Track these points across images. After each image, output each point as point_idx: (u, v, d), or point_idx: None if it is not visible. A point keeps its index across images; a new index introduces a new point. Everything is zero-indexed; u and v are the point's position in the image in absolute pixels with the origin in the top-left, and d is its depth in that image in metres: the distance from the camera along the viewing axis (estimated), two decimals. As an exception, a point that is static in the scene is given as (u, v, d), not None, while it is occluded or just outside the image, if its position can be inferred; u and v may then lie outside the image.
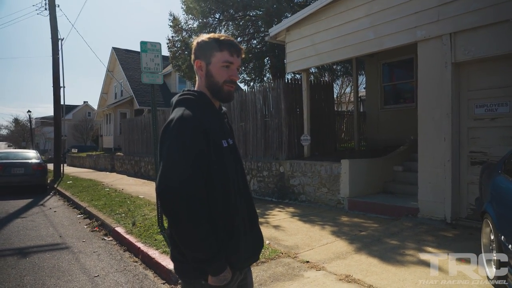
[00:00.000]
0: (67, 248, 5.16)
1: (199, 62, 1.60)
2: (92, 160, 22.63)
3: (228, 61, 1.56)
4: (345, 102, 20.98)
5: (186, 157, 1.39)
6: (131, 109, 23.56)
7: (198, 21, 13.27)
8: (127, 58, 25.23)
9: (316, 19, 7.38)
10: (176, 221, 1.38)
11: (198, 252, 1.39)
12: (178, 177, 1.37)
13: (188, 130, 1.42)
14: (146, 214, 6.55)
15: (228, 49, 1.56)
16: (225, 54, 1.56)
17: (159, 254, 4.34)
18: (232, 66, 1.58)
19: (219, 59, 1.56)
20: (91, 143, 38.26)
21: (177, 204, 1.35)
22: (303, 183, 7.76)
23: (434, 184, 5.49)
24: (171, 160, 1.40)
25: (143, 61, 5.60)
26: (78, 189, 10.80)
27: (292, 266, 3.87)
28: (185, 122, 1.44)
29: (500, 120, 5.01)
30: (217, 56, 1.56)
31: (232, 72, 1.58)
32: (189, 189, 1.37)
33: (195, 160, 1.41)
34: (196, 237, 1.37)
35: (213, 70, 1.57)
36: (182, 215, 1.35)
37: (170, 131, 1.44)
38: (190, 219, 1.35)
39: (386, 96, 10.08)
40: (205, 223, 1.39)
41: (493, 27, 4.81)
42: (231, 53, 1.57)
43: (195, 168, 1.40)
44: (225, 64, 1.56)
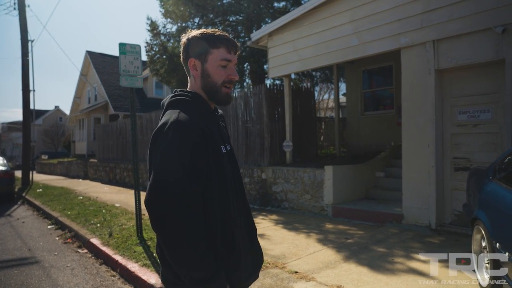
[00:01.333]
0: (37, 262, 4.79)
1: (193, 60, 1.41)
2: (63, 167, 21.73)
3: (226, 59, 1.39)
4: (324, 108, 21.15)
5: (183, 165, 1.21)
6: (105, 114, 22.85)
7: (177, 25, 13.04)
8: (102, 62, 24.53)
9: (299, 25, 7.34)
10: (170, 238, 1.19)
11: (195, 271, 1.20)
12: (173, 189, 1.18)
13: (185, 135, 1.24)
14: (124, 223, 6.22)
15: (225, 46, 1.39)
16: (223, 51, 1.39)
17: (139, 267, 4.08)
18: (230, 65, 1.41)
19: (216, 57, 1.38)
20: (63, 149, 36.83)
21: (173, 220, 1.17)
22: (286, 190, 7.64)
23: (418, 190, 5.50)
24: (165, 168, 1.21)
25: (121, 63, 5.34)
26: (48, 197, 10.25)
27: (280, 277, 3.72)
28: (181, 125, 1.25)
29: (483, 127, 5.08)
30: (214, 53, 1.38)
31: (231, 71, 1.42)
32: (186, 203, 1.19)
33: (194, 169, 1.23)
34: (193, 256, 1.19)
35: (210, 69, 1.39)
36: (178, 232, 1.17)
37: (164, 136, 1.25)
38: (187, 236, 1.18)
39: (366, 103, 10.18)
40: (204, 240, 1.21)
41: (476, 35, 4.89)
42: (228, 50, 1.40)
43: (193, 178, 1.22)
44: (223, 63, 1.39)
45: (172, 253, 1.21)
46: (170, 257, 1.22)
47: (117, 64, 23.49)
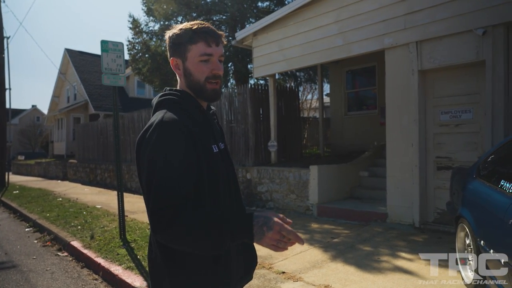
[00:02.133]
0: (14, 266, 4.60)
1: (174, 59, 1.35)
2: (41, 168, 21.10)
3: (206, 53, 1.29)
4: (307, 108, 21.27)
5: (176, 166, 1.15)
6: (85, 114, 22.32)
7: (160, 23, 12.87)
8: (82, 60, 23.95)
9: (284, 24, 7.33)
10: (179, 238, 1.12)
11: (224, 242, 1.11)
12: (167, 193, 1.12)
13: (171, 135, 1.19)
14: (106, 225, 6.07)
15: (204, 39, 1.29)
16: (201, 45, 1.29)
17: (123, 270, 3.98)
18: (213, 59, 1.31)
19: (195, 53, 1.29)
20: (40, 149, 35.76)
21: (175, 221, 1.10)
22: (271, 190, 7.62)
23: (402, 189, 5.57)
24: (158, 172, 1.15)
25: (104, 61, 5.20)
26: (26, 199, 9.91)
27: (268, 278, 3.69)
28: (166, 126, 1.20)
29: (464, 126, 5.19)
30: (192, 50, 1.29)
31: (214, 65, 1.32)
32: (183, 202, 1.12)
33: (185, 168, 1.17)
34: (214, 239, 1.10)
35: (190, 67, 1.31)
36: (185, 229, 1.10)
37: (149, 138, 1.20)
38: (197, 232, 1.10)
39: (350, 103, 10.27)
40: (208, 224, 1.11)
41: (457, 37, 4.99)
42: (208, 43, 1.30)
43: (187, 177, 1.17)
44: (204, 58, 1.29)
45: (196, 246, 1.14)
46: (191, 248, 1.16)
47: (97, 63, 23.26)
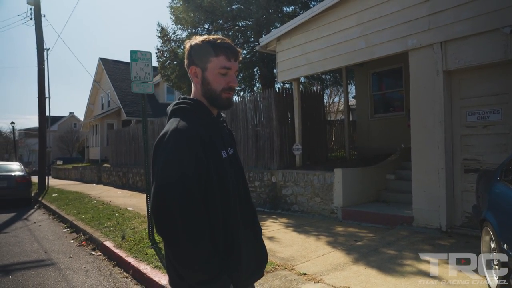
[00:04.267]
0: (52, 264, 4.93)
1: (194, 68, 1.47)
2: (78, 172, 22.15)
3: (226, 67, 1.43)
4: (334, 111, 21.10)
5: (182, 171, 1.28)
6: (118, 120, 23.24)
7: (187, 31, 13.23)
8: (114, 68, 24.99)
9: (307, 29, 7.40)
10: (173, 241, 1.26)
11: (199, 273, 1.27)
12: (175, 194, 1.25)
13: (184, 142, 1.31)
14: (136, 227, 6.35)
15: (225, 54, 1.43)
16: (222, 59, 1.43)
17: (151, 269, 4.17)
18: (230, 72, 1.45)
19: (216, 65, 1.43)
20: (77, 154, 37.47)
21: (175, 223, 1.24)
22: (295, 193, 7.67)
23: (428, 192, 5.47)
24: (165, 176, 1.29)
25: (133, 70, 5.49)
26: (64, 202, 10.49)
27: (289, 279, 3.76)
28: (180, 134, 1.33)
29: (492, 128, 5.04)
30: (214, 61, 1.43)
31: (231, 78, 1.45)
32: (188, 207, 1.26)
33: (193, 175, 1.30)
34: (197, 257, 1.25)
35: (209, 77, 1.44)
36: (181, 235, 1.24)
37: (164, 144, 1.33)
38: (190, 238, 1.25)
39: (376, 105, 10.14)
40: (207, 241, 1.28)
41: (483, 36, 4.87)
42: (228, 57, 1.44)
43: (193, 183, 1.29)
44: (223, 71, 1.43)
45: (176, 254, 1.27)
46: (175, 258, 1.28)
47: (128, 71, 23.99)
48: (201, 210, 1.30)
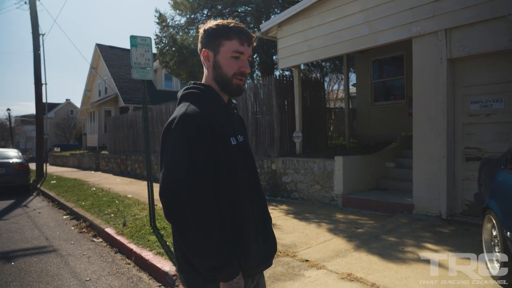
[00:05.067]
0: (54, 251, 4.94)
1: (206, 51, 1.44)
2: (76, 159, 22.09)
3: (238, 51, 1.41)
4: (333, 99, 21.03)
5: (191, 157, 1.26)
6: (116, 107, 23.08)
7: (186, 17, 13.05)
8: (111, 54, 24.69)
9: (309, 15, 7.29)
10: (184, 228, 1.25)
11: (209, 260, 1.26)
12: (183, 180, 1.24)
13: (193, 127, 1.29)
14: (137, 214, 6.35)
15: (238, 37, 1.41)
16: (235, 43, 1.40)
17: (153, 255, 4.19)
18: (243, 57, 1.43)
19: (228, 48, 1.40)
20: (74, 141, 37.37)
21: (185, 210, 1.22)
22: (295, 180, 7.68)
23: (429, 180, 5.49)
24: (174, 161, 1.27)
25: (133, 56, 5.40)
26: (63, 189, 10.47)
27: (291, 266, 3.78)
28: (189, 119, 1.30)
29: (495, 116, 5.03)
30: (226, 45, 1.40)
31: (243, 63, 1.43)
32: (197, 193, 1.24)
33: (202, 160, 1.28)
34: (207, 245, 1.24)
35: (221, 61, 1.42)
36: (191, 222, 1.23)
37: (173, 130, 1.31)
38: (200, 226, 1.23)
39: (377, 93, 10.10)
40: (217, 229, 1.27)
41: (489, 23, 4.81)
42: (241, 41, 1.41)
43: (202, 169, 1.27)
44: (235, 55, 1.41)
45: (186, 241, 1.26)
46: (185, 245, 1.27)
47: (126, 57, 23.85)
48: (211, 199, 1.28)
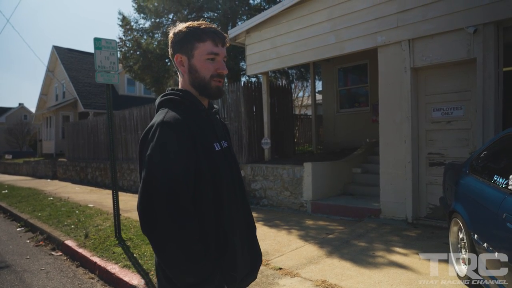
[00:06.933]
0: (7, 267, 4.55)
1: (179, 56, 1.37)
2: (30, 167, 20.77)
3: (213, 53, 1.35)
4: (299, 106, 21.34)
5: (170, 167, 1.19)
6: (75, 112, 22.01)
7: (151, 21, 12.77)
8: (70, 58, 23.59)
9: (277, 22, 7.35)
10: (159, 242, 1.17)
11: (187, 274, 1.18)
12: (159, 191, 1.16)
13: (171, 135, 1.22)
14: (100, 224, 6.02)
15: (212, 39, 1.35)
16: (209, 44, 1.34)
17: (120, 268, 3.96)
18: (218, 58, 1.37)
19: (202, 51, 1.34)
20: (28, 148, 35.19)
21: (161, 223, 1.15)
22: (265, 187, 7.65)
23: (395, 185, 5.65)
24: (149, 171, 1.19)
25: (97, 59, 5.15)
26: (16, 199, 9.76)
27: (265, 274, 3.72)
28: (167, 126, 1.23)
29: (455, 123, 5.28)
30: (200, 47, 1.34)
31: (219, 64, 1.37)
32: (174, 204, 1.16)
33: (180, 169, 1.20)
34: (186, 259, 1.16)
35: (196, 64, 1.35)
36: (167, 235, 1.15)
37: (150, 138, 1.23)
38: (177, 239, 1.15)
39: (342, 100, 10.36)
40: (196, 241, 1.19)
41: (449, 35, 5.06)
42: (215, 42, 1.36)
43: (180, 179, 1.19)
44: (210, 57, 1.35)
45: (162, 256, 1.18)
46: (161, 260, 1.19)
47: (86, 60, 22.95)
48: (190, 209, 1.20)
